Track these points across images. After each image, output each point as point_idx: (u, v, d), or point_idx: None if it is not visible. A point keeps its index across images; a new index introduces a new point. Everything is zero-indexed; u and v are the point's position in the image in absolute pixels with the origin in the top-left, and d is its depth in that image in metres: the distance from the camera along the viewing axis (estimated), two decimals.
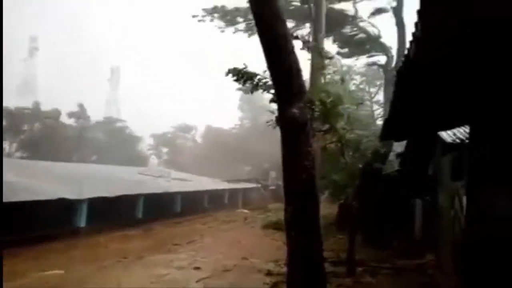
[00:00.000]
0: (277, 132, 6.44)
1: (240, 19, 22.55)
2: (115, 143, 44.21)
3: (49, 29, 76.21)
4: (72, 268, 9.80)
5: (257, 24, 6.22)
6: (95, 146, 43.22)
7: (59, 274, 9.22)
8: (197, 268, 9.73)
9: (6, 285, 8.05)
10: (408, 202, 13.48)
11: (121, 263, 10.68)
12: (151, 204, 20.51)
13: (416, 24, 2.48)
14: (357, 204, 14.69)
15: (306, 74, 11.56)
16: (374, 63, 24.95)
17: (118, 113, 54.19)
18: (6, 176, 15.69)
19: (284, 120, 6.04)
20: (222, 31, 22.96)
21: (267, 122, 8.74)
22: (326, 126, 10.92)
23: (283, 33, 5.98)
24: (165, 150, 51.93)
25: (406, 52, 3.01)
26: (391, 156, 14.53)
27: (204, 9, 22.92)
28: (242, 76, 8.25)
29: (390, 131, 6.94)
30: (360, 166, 14.65)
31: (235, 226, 19.40)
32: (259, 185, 34.87)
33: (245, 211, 26.77)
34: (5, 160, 30.59)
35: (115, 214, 18.26)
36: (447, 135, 8.04)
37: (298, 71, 6.14)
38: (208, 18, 23.07)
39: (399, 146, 13.92)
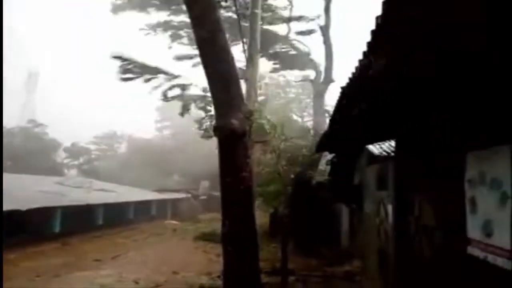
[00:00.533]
0: (205, 141, 6.29)
1: (183, 33, 22.29)
2: (32, 150, 40.35)
3: None
4: None
5: (196, 32, 6.04)
6: (9, 153, 38.86)
7: None
8: (124, 286, 9.05)
9: None
10: (335, 210, 14.04)
11: (33, 282, 9.57)
12: (69, 217, 18.83)
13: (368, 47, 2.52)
14: (288, 213, 15.01)
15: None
16: (305, 78, 26.29)
17: (34, 118, 49.46)
18: None
19: (222, 131, 5.91)
20: (170, 48, 22.57)
21: (203, 131, 8.55)
22: (262, 138, 11.04)
23: (223, 43, 5.89)
24: (85, 159, 48.60)
25: (354, 70, 3.07)
26: (322, 164, 15.08)
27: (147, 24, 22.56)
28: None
29: (326, 144, 7.15)
30: (293, 175, 15.05)
31: (164, 239, 18.60)
32: (189, 195, 34.08)
33: (174, 222, 25.88)
34: None
35: (29, 228, 16.48)
36: (373, 148, 8.50)
37: (238, 82, 6.09)
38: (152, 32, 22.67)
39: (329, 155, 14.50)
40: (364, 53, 2.73)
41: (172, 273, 10.31)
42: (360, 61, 2.91)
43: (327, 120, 21.18)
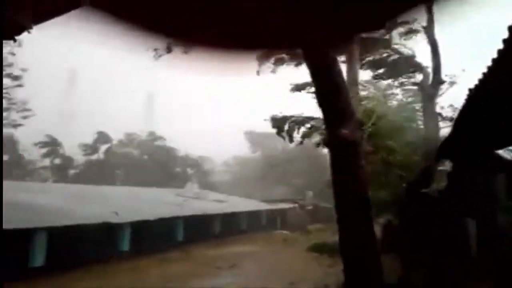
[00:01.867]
0: (308, 152, 6.29)
1: None
2: (154, 162, 45.35)
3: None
4: None
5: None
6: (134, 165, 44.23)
7: None
8: None
9: None
10: (460, 223, 12.76)
11: None
12: (190, 226, 20.59)
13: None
14: (404, 224, 14.12)
15: None
16: (413, 83, 24.59)
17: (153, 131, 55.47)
18: (48, 201, 16.36)
19: (334, 141, 5.90)
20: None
21: (316, 143, 8.60)
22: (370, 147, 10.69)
23: (331, 54, 5.91)
24: (199, 171, 52.51)
25: (485, 71, 2.85)
26: (438, 174, 13.94)
27: None
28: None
29: (448, 150, 6.61)
30: (404, 185, 14.16)
31: (276, 249, 19.03)
32: (296, 205, 34.32)
33: (284, 232, 26.30)
34: (44, 184, 31.99)
35: (156, 237, 18.45)
36: (504, 153, 7.61)
37: (347, 92, 6.04)
38: None
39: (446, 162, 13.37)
40: (494, 60, 2.54)
41: (288, 284, 10.49)
42: (492, 63, 2.70)
43: (440, 125, 19.40)
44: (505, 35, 2.12)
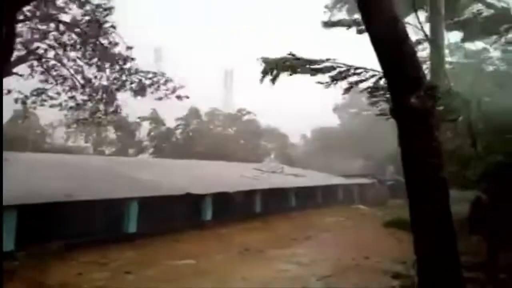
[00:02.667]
0: (389, 124, 5.89)
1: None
2: (237, 137, 47.12)
3: None
4: (202, 259, 10.68)
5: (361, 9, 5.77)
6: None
7: (191, 264, 10.14)
8: (318, 266, 9.68)
9: (145, 274, 9.18)
10: None
11: (243, 255, 11.25)
12: (268, 198, 21.23)
13: None
14: (492, 202, 12.94)
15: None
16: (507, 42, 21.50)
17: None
18: (139, 174, 17.97)
19: (400, 112, 5.47)
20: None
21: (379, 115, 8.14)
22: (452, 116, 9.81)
23: (393, 13, 5.45)
24: (278, 145, 53.13)
25: None
26: None
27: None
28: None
29: None
30: (499, 158, 12.85)
31: (353, 223, 18.81)
32: (375, 180, 33.23)
33: (362, 207, 25.78)
34: (138, 159, 34.96)
35: (236, 208, 19.38)
36: None
37: (414, 55, 5.55)
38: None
39: None
40: None
41: (363, 258, 10.39)
42: None
43: None
44: None
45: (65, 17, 13.31)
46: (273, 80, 8.27)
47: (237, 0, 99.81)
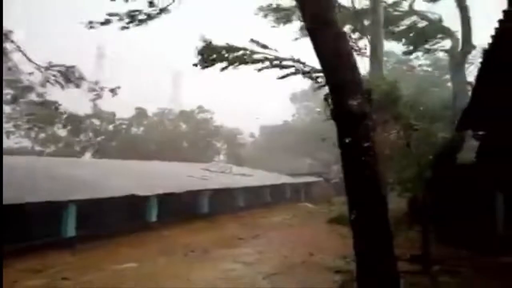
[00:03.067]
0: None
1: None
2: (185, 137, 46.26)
3: None
4: (145, 262, 10.32)
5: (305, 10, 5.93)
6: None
7: (133, 267, 9.76)
8: (264, 264, 9.74)
9: (83, 279, 8.72)
10: (488, 196, 12.38)
11: (189, 257, 11.04)
12: (215, 199, 21.07)
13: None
14: (429, 198, 13.81)
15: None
16: (440, 49, 23.35)
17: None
18: (80, 174, 17.06)
19: (340, 114, 5.70)
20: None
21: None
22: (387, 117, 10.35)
23: (334, 20, 5.66)
24: (225, 145, 53.00)
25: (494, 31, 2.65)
26: (466, 145, 13.47)
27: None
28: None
29: (468, 121, 6.31)
30: (431, 157, 13.75)
31: (299, 221, 19.23)
32: (322, 179, 34.30)
33: (308, 205, 26.46)
34: (77, 160, 33.26)
35: (182, 209, 19.02)
36: None
37: (353, 61, 5.81)
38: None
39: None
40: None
41: (308, 255, 10.63)
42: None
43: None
44: None
45: None
46: (207, 66, 8.36)
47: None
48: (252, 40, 9.16)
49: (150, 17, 10.57)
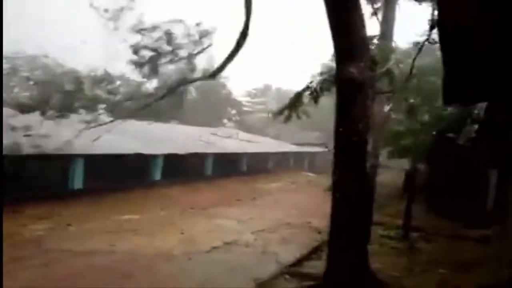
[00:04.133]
0: None
1: None
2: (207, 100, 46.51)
3: None
4: (146, 215, 11.01)
5: None
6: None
7: (134, 219, 10.45)
8: (255, 223, 10.32)
9: (86, 226, 9.40)
10: (483, 173, 12.62)
11: (187, 213, 11.69)
12: (219, 162, 21.67)
13: None
14: (425, 171, 14.11)
15: None
16: None
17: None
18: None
19: (340, 80, 5.88)
20: None
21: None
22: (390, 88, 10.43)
23: None
24: (234, 111, 53.16)
25: None
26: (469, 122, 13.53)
27: None
28: None
29: (452, 93, 6.40)
30: (434, 132, 13.90)
31: (298, 188, 19.78)
32: (326, 149, 34.60)
33: (310, 174, 26.95)
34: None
35: (187, 170, 19.68)
36: None
37: (361, 28, 5.85)
38: None
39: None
40: None
41: (299, 217, 11.18)
42: None
43: None
44: None
45: None
46: None
47: None
48: None
49: None
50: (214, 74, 10.40)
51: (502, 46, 2.90)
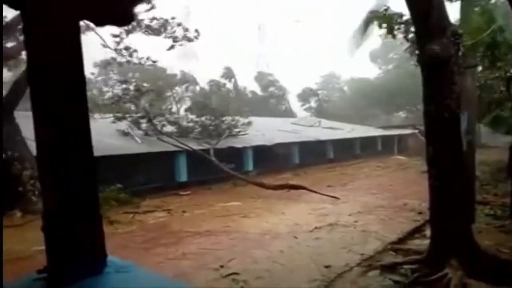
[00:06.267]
0: None
1: None
2: (267, 96, 47.49)
3: None
4: (246, 201, 12.03)
5: None
6: (248, 101, 47.22)
7: (237, 205, 11.51)
8: (350, 206, 10.66)
9: (198, 212, 10.60)
10: None
11: (284, 198, 12.43)
12: (306, 151, 22.17)
13: None
14: None
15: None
16: None
17: (267, 68, 56.88)
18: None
19: (424, 58, 5.94)
20: None
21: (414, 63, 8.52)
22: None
23: None
24: (313, 100, 53.08)
25: None
26: None
27: None
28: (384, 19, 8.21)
29: None
30: None
31: (390, 172, 19.42)
32: (416, 131, 33.00)
33: (401, 157, 26.11)
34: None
35: (275, 160, 20.54)
36: None
37: (441, 2, 5.88)
38: None
39: None
40: None
41: (394, 199, 11.22)
42: None
43: None
44: None
45: None
46: None
47: None
48: None
49: None
50: None
51: None
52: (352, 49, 12.20)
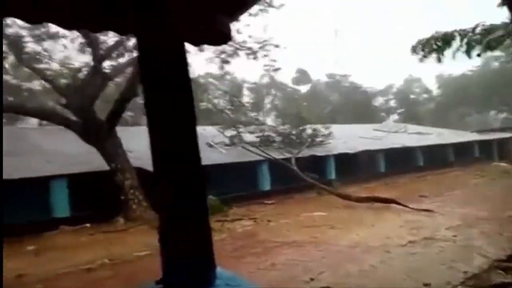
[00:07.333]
0: None
1: None
2: (348, 101, 46.22)
3: None
4: (332, 211, 11.80)
5: None
6: (328, 104, 46.37)
7: (323, 215, 11.34)
8: (447, 218, 9.84)
9: (283, 221, 10.67)
10: None
11: (372, 209, 11.96)
12: (392, 158, 21.10)
13: None
14: None
15: None
16: None
17: (345, 71, 55.64)
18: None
19: None
20: None
21: None
22: None
23: None
24: (397, 104, 50.44)
25: None
26: None
27: None
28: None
29: None
30: None
31: (490, 180, 17.58)
32: None
33: (502, 164, 23.46)
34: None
35: (359, 168, 19.89)
36: None
37: None
38: None
39: None
40: None
41: (498, 210, 10.10)
42: None
43: None
44: None
45: None
46: None
47: None
48: None
49: None
50: None
51: None
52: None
